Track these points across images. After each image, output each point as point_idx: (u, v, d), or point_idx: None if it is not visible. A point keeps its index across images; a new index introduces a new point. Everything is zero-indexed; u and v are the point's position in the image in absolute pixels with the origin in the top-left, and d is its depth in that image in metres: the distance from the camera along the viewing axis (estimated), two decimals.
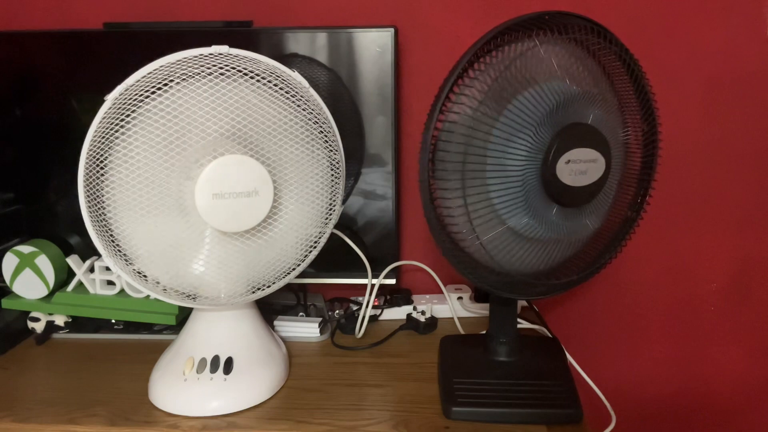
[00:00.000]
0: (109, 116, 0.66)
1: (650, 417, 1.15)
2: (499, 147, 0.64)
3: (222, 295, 0.74)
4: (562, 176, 0.65)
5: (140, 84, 0.66)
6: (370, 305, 0.95)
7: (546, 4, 1.01)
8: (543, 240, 0.68)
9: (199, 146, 0.67)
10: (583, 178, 0.66)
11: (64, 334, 0.93)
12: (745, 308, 1.10)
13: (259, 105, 0.70)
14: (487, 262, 0.70)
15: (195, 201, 0.67)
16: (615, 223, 0.75)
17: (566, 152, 0.64)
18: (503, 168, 0.65)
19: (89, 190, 0.67)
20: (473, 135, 0.65)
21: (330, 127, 0.76)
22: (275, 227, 0.73)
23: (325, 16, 1.04)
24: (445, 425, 0.71)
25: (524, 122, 0.64)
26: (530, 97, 0.64)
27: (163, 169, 0.67)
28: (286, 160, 0.73)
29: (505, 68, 0.65)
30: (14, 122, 0.97)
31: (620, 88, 0.70)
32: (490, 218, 0.66)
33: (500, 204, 0.66)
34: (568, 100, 0.65)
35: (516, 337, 0.79)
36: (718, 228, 1.07)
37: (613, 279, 1.10)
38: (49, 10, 1.07)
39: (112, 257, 0.70)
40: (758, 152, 1.04)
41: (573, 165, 0.65)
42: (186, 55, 0.66)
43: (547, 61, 0.65)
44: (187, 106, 0.66)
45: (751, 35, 1.01)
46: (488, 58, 0.66)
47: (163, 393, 0.74)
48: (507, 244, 0.68)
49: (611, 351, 1.13)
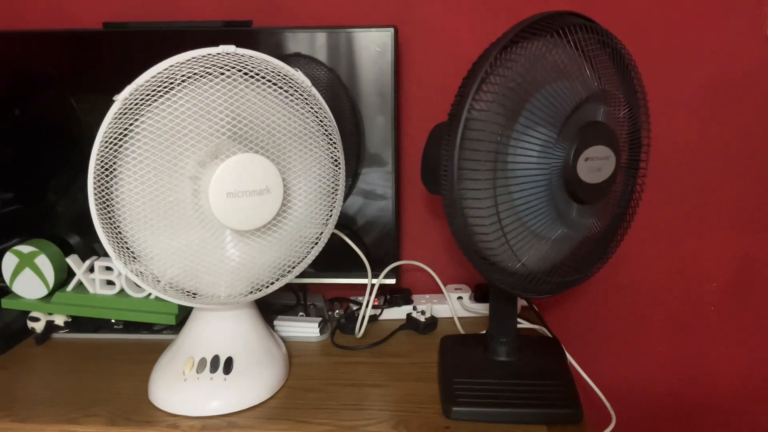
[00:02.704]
0: (119, 117, 0.66)
1: (650, 417, 1.15)
2: (520, 151, 0.65)
3: (222, 294, 0.74)
4: (582, 174, 0.66)
5: (150, 84, 0.66)
6: (370, 305, 0.95)
7: (545, 5, 1.01)
8: (558, 239, 0.69)
9: (209, 146, 0.67)
10: (598, 175, 0.67)
11: (64, 334, 0.93)
12: (745, 308, 1.10)
13: (265, 104, 0.70)
14: (513, 265, 0.70)
15: (208, 200, 0.67)
16: (611, 220, 0.75)
17: (585, 150, 0.65)
18: (527, 174, 0.65)
19: (99, 191, 0.67)
20: (495, 139, 0.64)
21: (332, 126, 0.76)
22: (283, 225, 0.74)
23: (325, 15, 1.04)
24: (445, 425, 0.71)
25: (546, 121, 0.64)
26: (550, 96, 0.64)
27: (173, 168, 0.67)
28: (292, 158, 0.73)
29: (530, 67, 0.64)
30: (14, 122, 0.97)
31: (612, 82, 0.70)
32: (522, 233, 0.67)
33: (528, 214, 0.66)
34: (585, 98, 0.65)
35: (516, 337, 0.79)
36: (718, 228, 1.07)
37: (614, 279, 1.10)
38: (48, 10, 1.07)
39: (123, 259, 0.70)
40: (758, 152, 1.04)
41: (591, 162, 0.66)
42: (195, 55, 0.67)
43: (565, 61, 0.65)
44: (194, 104, 0.66)
45: (750, 35, 1.01)
46: (507, 58, 0.65)
47: (163, 393, 0.74)
48: (531, 246, 0.68)
49: (611, 351, 1.13)
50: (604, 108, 0.68)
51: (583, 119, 0.66)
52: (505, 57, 0.63)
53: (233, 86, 0.68)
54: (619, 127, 0.70)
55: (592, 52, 0.67)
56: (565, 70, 0.65)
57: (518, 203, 0.66)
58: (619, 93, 0.70)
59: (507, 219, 0.65)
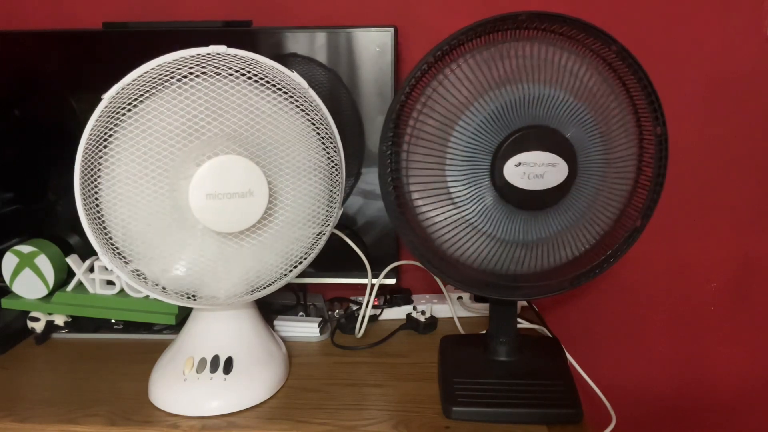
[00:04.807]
0: (105, 115, 0.66)
1: (650, 417, 1.15)
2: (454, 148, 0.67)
3: (221, 295, 0.74)
4: (512, 179, 0.64)
5: (136, 83, 0.66)
6: (370, 305, 0.95)
7: (543, 4, 1.01)
8: (508, 241, 0.69)
9: (194, 146, 0.67)
10: (538, 182, 0.65)
11: (64, 333, 0.93)
12: (745, 308, 1.10)
13: (256, 105, 0.69)
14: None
15: (189, 201, 0.66)
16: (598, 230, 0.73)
17: (516, 155, 0.64)
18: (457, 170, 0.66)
19: (85, 189, 0.67)
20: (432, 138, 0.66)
21: (328, 128, 0.75)
22: (271, 228, 0.73)
23: (325, 15, 1.04)
24: (445, 425, 0.71)
25: (473, 124, 0.65)
26: (476, 101, 0.65)
27: (158, 168, 0.67)
28: (282, 161, 0.72)
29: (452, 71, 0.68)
30: (13, 122, 0.97)
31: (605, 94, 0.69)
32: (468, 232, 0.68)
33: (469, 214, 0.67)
34: (523, 102, 0.65)
35: (516, 337, 0.79)
36: (718, 228, 1.07)
37: (613, 279, 1.10)
38: (48, 10, 1.07)
39: (109, 256, 0.70)
40: (758, 152, 1.04)
41: (525, 168, 0.64)
42: (183, 55, 0.66)
43: (499, 64, 0.66)
44: (181, 106, 0.66)
45: (750, 35, 1.01)
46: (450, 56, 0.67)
47: (163, 393, 0.74)
48: (460, 237, 0.69)
49: (611, 351, 1.13)
50: (571, 115, 0.65)
51: (522, 123, 0.65)
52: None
53: (221, 86, 0.68)
54: (590, 136, 0.67)
55: (554, 53, 0.66)
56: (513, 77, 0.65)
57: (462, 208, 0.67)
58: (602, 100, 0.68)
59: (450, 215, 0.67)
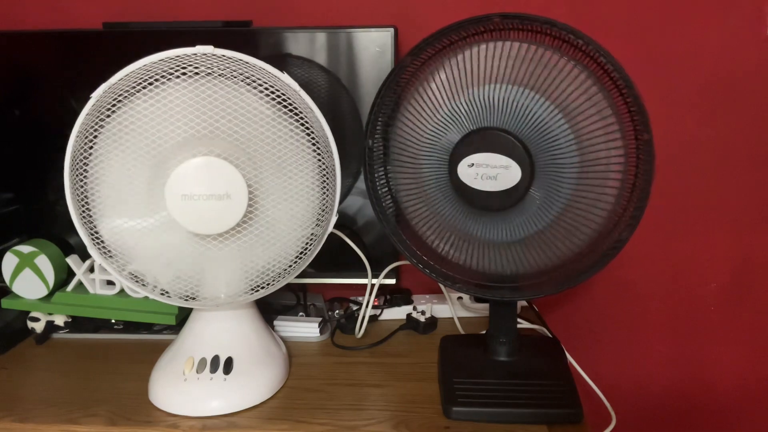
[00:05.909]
0: (92, 114, 0.66)
1: (650, 417, 1.15)
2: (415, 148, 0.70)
3: (221, 295, 0.74)
4: (466, 179, 0.66)
5: (123, 83, 0.66)
6: (370, 305, 0.95)
7: (545, 5, 1.01)
8: (483, 241, 0.71)
9: (171, 146, 0.67)
10: (492, 184, 0.66)
11: (64, 334, 0.93)
12: (745, 308, 1.10)
13: (241, 106, 0.68)
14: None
15: (165, 201, 0.66)
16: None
17: (468, 156, 0.65)
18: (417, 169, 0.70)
19: (75, 188, 0.68)
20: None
21: (320, 131, 0.73)
22: (255, 230, 0.71)
23: (325, 16, 1.04)
24: (445, 425, 0.71)
25: (434, 124, 0.68)
26: (433, 101, 0.67)
27: (138, 168, 0.67)
28: (267, 163, 0.70)
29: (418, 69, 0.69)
30: (13, 122, 0.97)
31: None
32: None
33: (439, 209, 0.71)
34: (482, 106, 0.66)
35: (516, 337, 0.79)
36: (717, 228, 1.07)
37: (613, 279, 1.10)
38: (48, 10, 1.07)
39: (102, 257, 0.70)
40: (757, 152, 1.04)
41: (478, 169, 0.65)
42: (169, 55, 0.66)
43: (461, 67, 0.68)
44: (161, 106, 0.66)
45: (750, 35, 1.01)
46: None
47: (163, 393, 0.74)
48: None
49: (611, 351, 1.13)
50: (532, 118, 0.65)
51: (479, 125, 0.66)
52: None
53: (204, 86, 0.67)
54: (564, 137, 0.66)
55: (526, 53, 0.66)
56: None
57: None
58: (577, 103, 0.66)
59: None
